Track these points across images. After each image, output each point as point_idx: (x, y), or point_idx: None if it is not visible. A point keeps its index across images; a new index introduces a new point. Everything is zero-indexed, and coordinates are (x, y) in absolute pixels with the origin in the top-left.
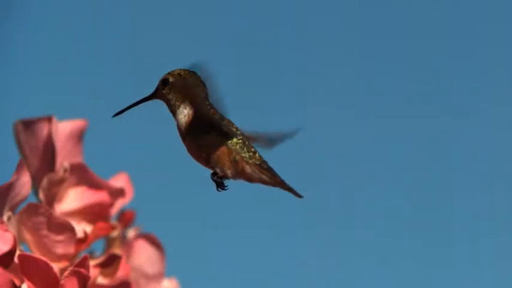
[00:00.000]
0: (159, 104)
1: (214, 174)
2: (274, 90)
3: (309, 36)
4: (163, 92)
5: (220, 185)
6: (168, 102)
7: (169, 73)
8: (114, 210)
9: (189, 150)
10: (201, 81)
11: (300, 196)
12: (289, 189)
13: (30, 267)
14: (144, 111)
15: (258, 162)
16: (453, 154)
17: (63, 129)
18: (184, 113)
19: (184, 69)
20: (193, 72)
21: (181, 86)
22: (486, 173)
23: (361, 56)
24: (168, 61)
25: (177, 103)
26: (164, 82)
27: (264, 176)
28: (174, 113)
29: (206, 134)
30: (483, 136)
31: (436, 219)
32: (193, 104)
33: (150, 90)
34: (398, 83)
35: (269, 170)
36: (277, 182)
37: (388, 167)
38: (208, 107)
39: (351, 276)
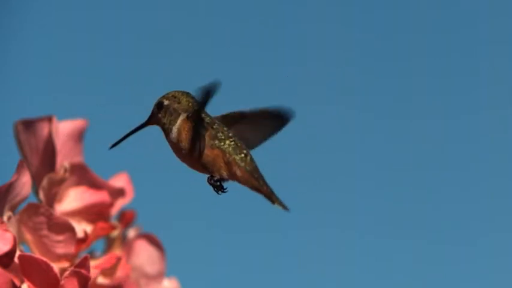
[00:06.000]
0: None
1: (210, 178)
2: (271, 90)
3: (307, 35)
4: (159, 116)
5: (219, 188)
6: (162, 126)
7: (163, 96)
8: (114, 210)
9: (184, 159)
10: (195, 101)
11: (286, 209)
12: (278, 202)
13: (30, 267)
14: (143, 111)
15: (248, 168)
16: (453, 154)
17: (63, 129)
18: (175, 130)
19: (178, 91)
20: (187, 93)
21: (176, 108)
22: (486, 173)
23: (359, 55)
24: (167, 61)
25: (170, 127)
26: (159, 105)
27: (254, 181)
28: (167, 135)
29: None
30: (483, 136)
31: (436, 219)
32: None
33: (150, 89)
34: (397, 83)
35: (259, 179)
36: (265, 191)
37: (387, 167)
38: (199, 112)
39: (350, 277)
